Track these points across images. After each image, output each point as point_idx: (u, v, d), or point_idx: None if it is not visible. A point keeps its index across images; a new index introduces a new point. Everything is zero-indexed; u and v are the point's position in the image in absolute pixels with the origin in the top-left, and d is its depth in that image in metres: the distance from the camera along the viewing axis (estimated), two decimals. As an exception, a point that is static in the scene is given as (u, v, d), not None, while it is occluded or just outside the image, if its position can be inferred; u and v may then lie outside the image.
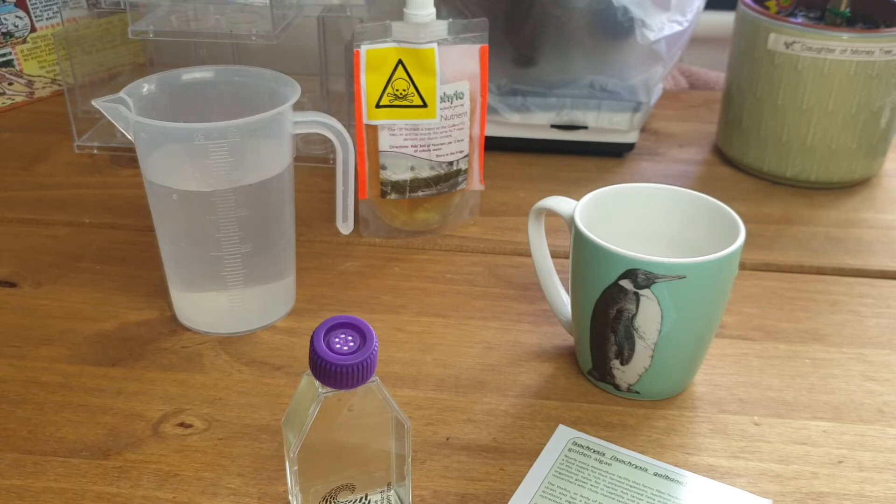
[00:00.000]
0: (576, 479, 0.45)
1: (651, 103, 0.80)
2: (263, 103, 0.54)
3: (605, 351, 0.50)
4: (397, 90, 0.62)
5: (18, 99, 0.91)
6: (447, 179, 0.66)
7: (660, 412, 0.51)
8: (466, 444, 0.48)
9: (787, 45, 0.71)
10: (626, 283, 0.47)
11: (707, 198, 0.52)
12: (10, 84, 0.90)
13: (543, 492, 0.44)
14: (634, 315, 0.48)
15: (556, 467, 0.46)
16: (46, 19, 0.90)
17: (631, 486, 0.45)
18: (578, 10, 0.74)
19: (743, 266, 0.58)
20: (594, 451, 0.47)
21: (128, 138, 0.52)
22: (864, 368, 0.54)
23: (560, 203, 0.52)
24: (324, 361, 0.37)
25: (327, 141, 0.57)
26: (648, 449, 0.48)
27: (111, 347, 0.56)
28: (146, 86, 0.54)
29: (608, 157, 0.81)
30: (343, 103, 0.81)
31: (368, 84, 0.61)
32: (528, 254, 0.57)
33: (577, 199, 0.52)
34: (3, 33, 0.88)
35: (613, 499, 0.44)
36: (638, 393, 0.51)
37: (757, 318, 0.59)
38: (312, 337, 0.37)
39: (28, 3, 0.89)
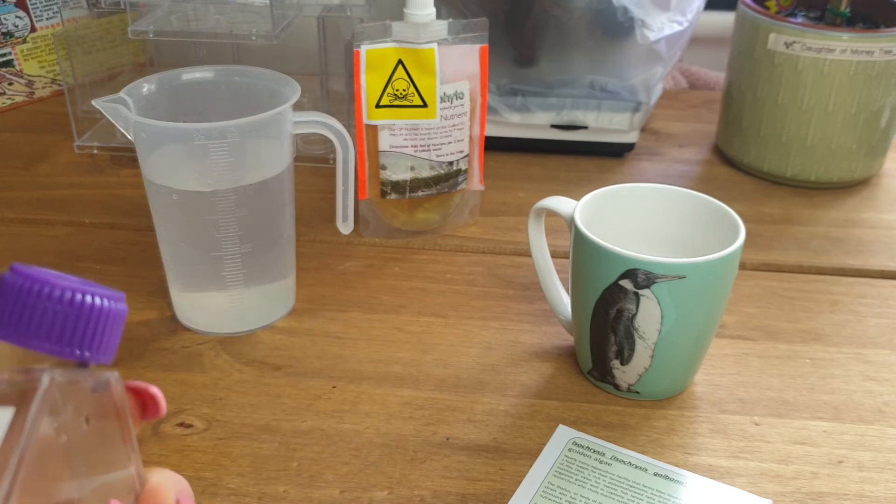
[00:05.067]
0: (576, 479, 0.45)
1: (651, 103, 0.79)
2: (263, 103, 0.54)
3: (605, 351, 0.50)
4: (397, 90, 0.62)
5: (18, 99, 0.91)
6: (447, 179, 0.66)
7: (660, 412, 0.51)
8: (466, 444, 0.48)
9: (787, 44, 0.71)
10: (626, 283, 0.47)
11: (707, 198, 0.52)
12: (10, 84, 0.90)
13: (543, 492, 0.44)
14: (634, 315, 0.48)
15: (556, 467, 0.46)
16: (46, 19, 0.90)
17: (631, 486, 0.45)
18: (578, 10, 0.74)
19: (743, 266, 0.58)
20: (594, 451, 0.47)
21: (128, 138, 0.52)
22: (864, 368, 0.54)
23: (560, 203, 0.52)
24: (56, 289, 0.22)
25: (327, 141, 0.57)
26: (648, 449, 0.48)
27: (111, 347, 0.55)
28: (146, 86, 0.54)
29: (608, 157, 0.81)
30: (343, 103, 0.81)
31: (368, 84, 0.61)
32: (528, 254, 0.57)
33: (577, 199, 0.52)
34: (4, 33, 0.88)
35: (613, 499, 0.44)
36: (638, 393, 0.51)
37: (757, 318, 0.59)
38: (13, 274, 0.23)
39: (28, 3, 0.89)
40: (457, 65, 0.63)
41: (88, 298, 0.23)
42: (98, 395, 0.25)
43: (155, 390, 0.28)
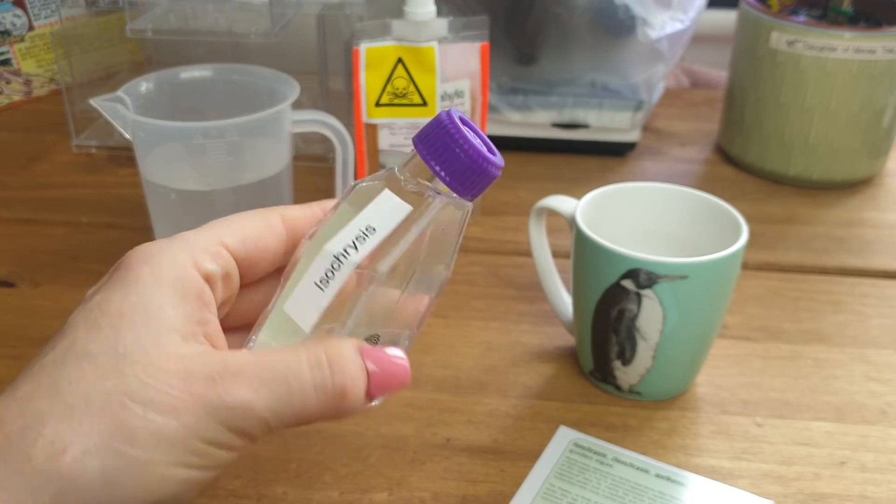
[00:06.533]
0: (577, 481, 0.45)
1: (653, 102, 0.79)
2: (262, 102, 0.54)
3: (606, 351, 0.50)
4: (397, 89, 0.61)
5: (16, 98, 0.91)
6: (447, 179, 0.65)
7: (661, 413, 0.50)
8: (467, 446, 0.48)
9: (790, 43, 0.71)
10: (627, 283, 0.47)
11: (709, 197, 0.52)
12: (8, 83, 0.90)
13: (544, 493, 0.44)
14: (636, 315, 0.47)
15: (557, 469, 0.46)
16: (44, 18, 0.90)
17: (632, 488, 0.45)
18: (580, 8, 0.74)
19: (745, 266, 0.58)
20: (595, 453, 0.47)
21: (126, 137, 0.52)
22: (867, 369, 0.54)
23: (561, 202, 0.52)
24: (478, 155, 0.31)
25: (326, 140, 0.56)
26: (650, 450, 0.47)
27: (109, 348, 0.55)
28: (144, 84, 0.54)
29: (609, 156, 0.81)
30: (342, 102, 0.81)
31: (368, 82, 0.61)
32: (529, 254, 0.56)
33: (579, 198, 0.51)
34: (1, 32, 0.88)
35: (615, 500, 0.44)
36: (639, 394, 0.51)
37: (759, 319, 0.59)
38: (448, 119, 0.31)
39: (26, 2, 0.88)
40: (457, 63, 0.62)
41: (489, 167, 0.32)
42: (450, 217, 0.33)
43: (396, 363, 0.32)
